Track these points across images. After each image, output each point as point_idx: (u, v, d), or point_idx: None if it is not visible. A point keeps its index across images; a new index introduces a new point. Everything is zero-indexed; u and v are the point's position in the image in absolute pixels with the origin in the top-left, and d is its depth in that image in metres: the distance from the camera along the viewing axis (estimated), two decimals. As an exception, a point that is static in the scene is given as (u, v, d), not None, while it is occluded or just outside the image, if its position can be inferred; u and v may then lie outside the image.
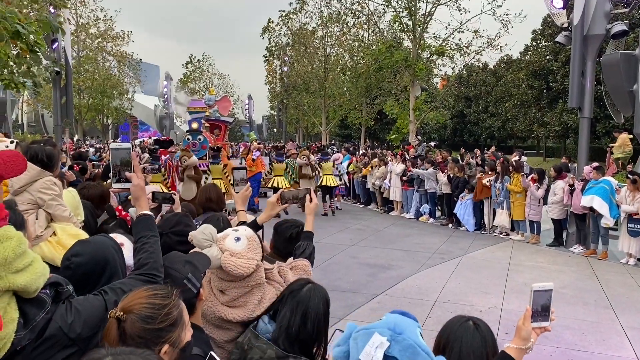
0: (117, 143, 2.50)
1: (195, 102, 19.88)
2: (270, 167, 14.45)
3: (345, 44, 32.01)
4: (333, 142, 35.43)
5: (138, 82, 40.59)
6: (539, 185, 10.51)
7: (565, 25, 11.26)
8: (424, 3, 22.08)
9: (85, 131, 38.03)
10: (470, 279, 8.01)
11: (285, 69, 36.02)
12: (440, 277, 8.06)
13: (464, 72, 37.02)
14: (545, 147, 41.93)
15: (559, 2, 10.97)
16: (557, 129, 32.34)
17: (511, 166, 11.21)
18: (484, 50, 22.16)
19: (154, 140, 13.62)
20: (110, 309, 1.57)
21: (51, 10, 10.67)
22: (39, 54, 6.01)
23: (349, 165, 16.41)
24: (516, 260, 9.24)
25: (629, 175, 9.27)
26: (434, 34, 23.14)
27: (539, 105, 34.37)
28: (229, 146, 20.01)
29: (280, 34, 33.99)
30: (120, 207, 3.13)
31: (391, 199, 14.47)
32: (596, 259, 9.41)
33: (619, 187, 9.41)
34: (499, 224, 11.43)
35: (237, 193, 3.29)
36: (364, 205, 15.99)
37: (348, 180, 16.44)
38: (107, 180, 5.37)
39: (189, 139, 15.15)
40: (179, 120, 39.22)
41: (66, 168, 6.35)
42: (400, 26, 22.81)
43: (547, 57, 33.37)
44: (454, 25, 22.07)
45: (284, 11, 32.23)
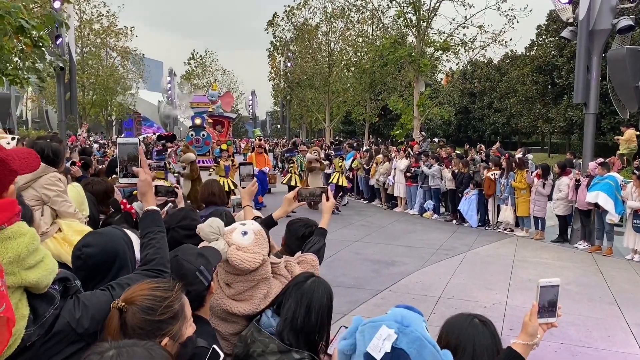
0: (124, 138, 2.50)
1: (198, 98, 19.89)
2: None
3: (349, 39, 31.90)
4: (337, 139, 35.37)
5: (141, 77, 40.65)
6: (543, 181, 10.48)
7: (571, 20, 11.19)
8: (428, -2, 22.01)
9: (89, 127, 38.10)
10: (475, 275, 8.00)
11: (289, 64, 35.95)
12: (444, 273, 8.06)
13: (468, 67, 36.80)
14: (550, 143, 41.70)
15: (564, -3, 10.91)
16: (562, 125, 32.17)
17: (514, 162, 11.18)
18: (488, 45, 22.07)
19: (158, 136, 13.65)
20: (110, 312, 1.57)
21: (55, 5, 10.67)
22: (43, 49, 6.02)
23: (353, 162, 16.39)
24: (520, 257, 9.22)
25: (634, 171, 9.24)
26: (438, 29, 23.06)
27: (543, 101, 34.19)
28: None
29: (285, 29, 33.91)
30: (125, 200, 3.12)
31: (395, 195, 14.47)
32: (601, 255, 9.38)
33: (625, 183, 9.37)
34: (504, 220, 11.41)
35: (243, 188, 3.27)
36: (367, 201, 15.99)
37: (352, 175, 16.41)
38: (111, 175, 5.37)
39: (192, 134, 15.19)
40: (182, 117, 39.29)
41: (69, 164, 6.35)
42: (405, 22, 22.73)
43: (552, 52, 33.16)
44: (459, 21, 21.99)
45: (288, 6, 32.15)
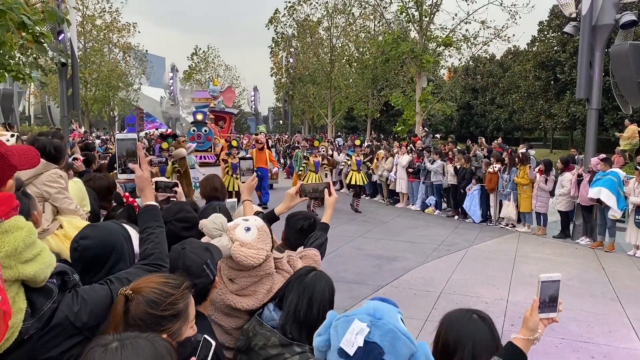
0: (123, 134, 2.49)
1: (199, 93, 19.88)
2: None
3: (351, 34, 31.80)
4: (339, 134, 35.33)
5: (144, 73, 40.62)
6: (546, 177, 10.46)
7: (574, 15, 11.15)
8: (430, -7, 21.90)
9: (91, 123, 38.13)
10: (476, 271, 8.00)
11: (291, 60, 35.86)
12: (446, 268, 8.06)
13: (470, 63, 36.66)
14: (552, 138, 41.59)
15: (567, -8, 10.87)
16: (564, 121, 32.06)
17: (517, 158, 11.16)
18: (491, 41, 21.96)
19: (160, 135, 13.68)
20: (117, 299, 1.58)
21: (57, 0, 10.65)
22: (45, 44, 6.02)
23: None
24: (522, 252, 9.22)
25: (637, 167, 9.21)
26: (440, 24, 22.95)
27: (546, 97, 34.06)
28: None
29: (286, 25, 33.81)
30: (127, 194, 3.12)
31: (397, 190, 14.46)
32: (603, 251, 9.37)
33: (627, 179, 9.34)
34: (506, 215, 11.40)
35: (243, 183, 3.27)
36: (369, 197, 15.98)
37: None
38: (113, 171, 5.38)
39: (194, 130, 15.18)
40: (184, 112, 39.29)
41: (71, 159, 6.35)
42: (407, 17, 22.64)
43: (555, 48, 32.99)
44: (461, 16, 21.89)
45: (289, 1, 32.05)
